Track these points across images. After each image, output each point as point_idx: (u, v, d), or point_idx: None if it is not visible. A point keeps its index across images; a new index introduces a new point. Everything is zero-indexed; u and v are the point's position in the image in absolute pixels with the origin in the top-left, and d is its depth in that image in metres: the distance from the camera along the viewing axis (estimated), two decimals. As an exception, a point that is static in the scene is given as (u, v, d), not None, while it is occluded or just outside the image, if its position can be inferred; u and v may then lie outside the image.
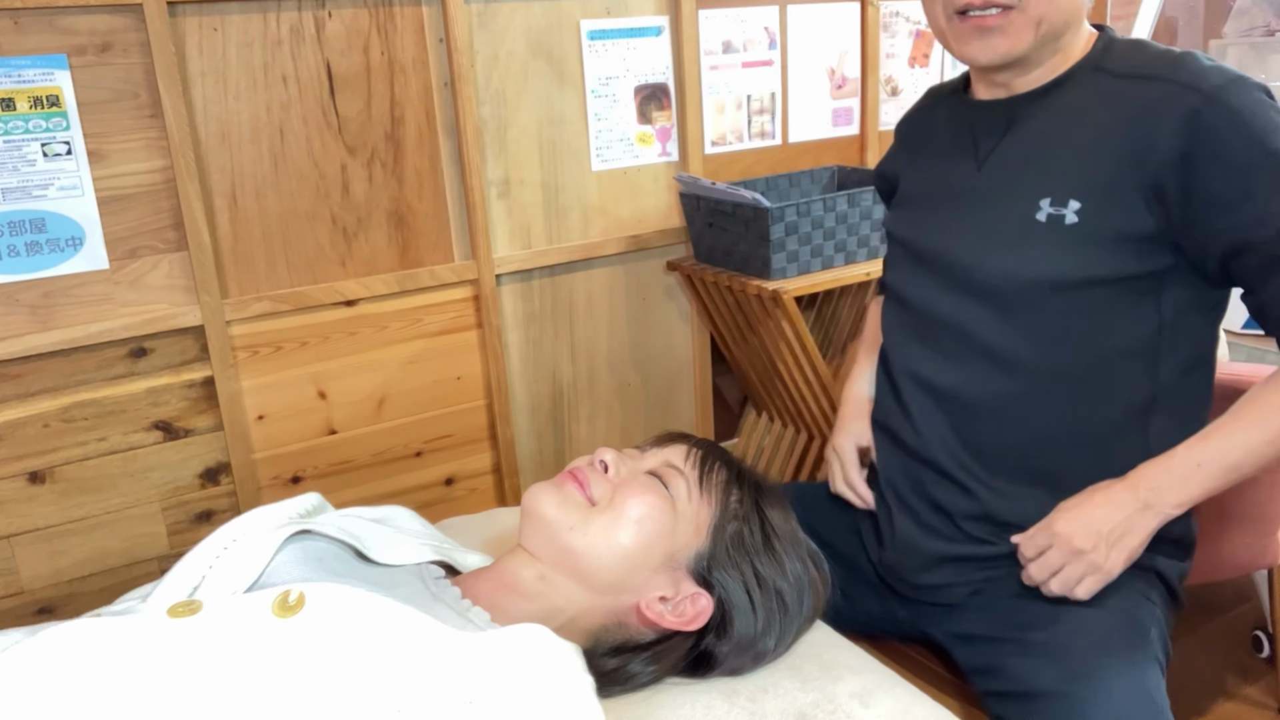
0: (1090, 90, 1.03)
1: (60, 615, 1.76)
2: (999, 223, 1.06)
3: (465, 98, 1.91)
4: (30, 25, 1.57)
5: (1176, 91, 0.96)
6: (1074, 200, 1.00)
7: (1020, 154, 1.06)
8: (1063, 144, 1.03)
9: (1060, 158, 1.02)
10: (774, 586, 0.95)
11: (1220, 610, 2.02)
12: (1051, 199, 1.01)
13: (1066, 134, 1.03)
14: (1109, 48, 1.05)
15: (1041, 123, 1.05)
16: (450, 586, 0.92)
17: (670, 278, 2.26)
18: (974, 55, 1.03)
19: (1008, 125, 1.08)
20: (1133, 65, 1.02)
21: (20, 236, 1.62)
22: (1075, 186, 1.00)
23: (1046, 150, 1.04)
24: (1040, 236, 1.02)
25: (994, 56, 1.01)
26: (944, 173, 1.15)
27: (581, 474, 0.95)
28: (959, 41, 1.04)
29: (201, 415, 1.83)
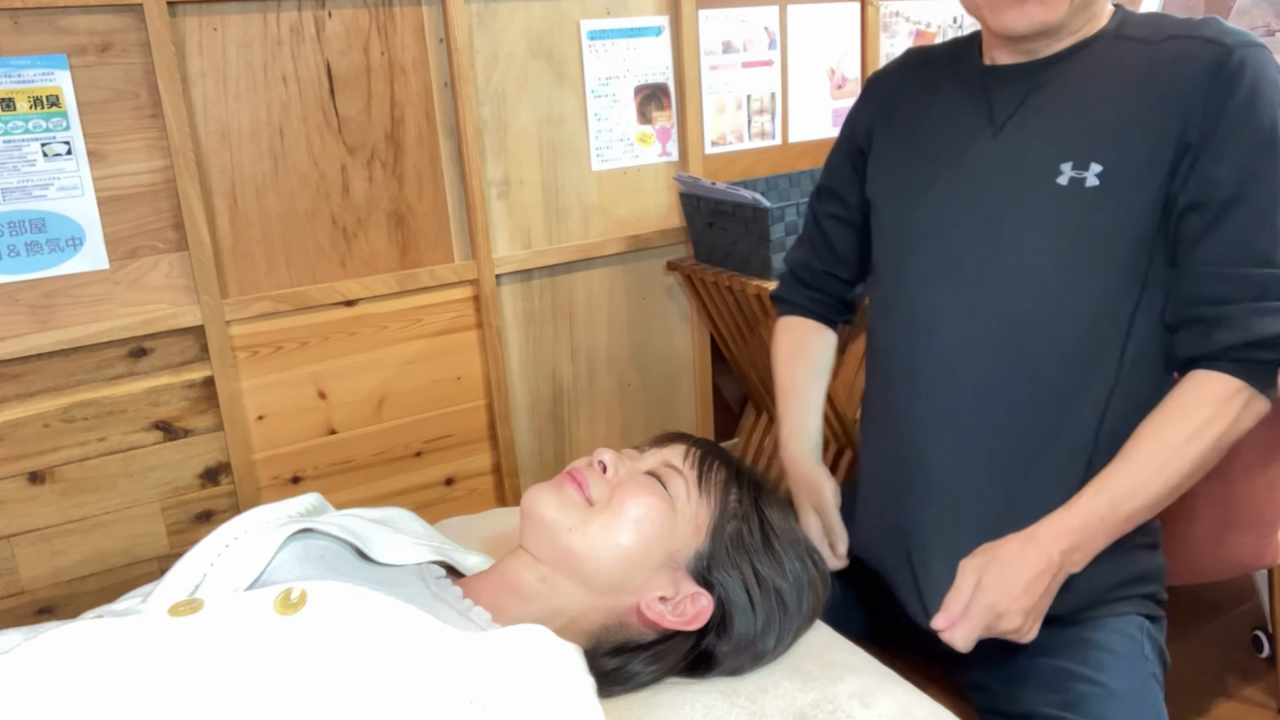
0: (1113, 54, 1.01)
1: (60, 615, 1.76)
2: (1017, 191, 1.03)
3: (465, 98, 1.91)
4: (30, 25, 1.57)
5: (1201, 45, 0.95)
6: (1095, 163, 0.98)
7: (1041, 118, 1.03)
8: (1085, 106, 1.01)
9: (1082, 120, 1.00)
10: (773, 586, 0.95)
11: (1220, 610, 2.02)
12: (1074, 162, 0.99)
13: (1089, 96, 1.01)
14: (1127, 18, 1.05)
15: (1064, 86, 1.03)
16: (451, 586, 0.92)
17: (670, 278, 2.26)
18: (1010, 24, 1.00)
19: (1029, 90, 1.05)
20: (1154, 29, 1.01)
21: (20, 236, 1.62)
22: (1097, 148, 0.99)
23: (1068, 113, 1.02)
24: (1060, 202, 0.99)
25: (1031, 25, 0.99)
26: (949, 143, 1.10)
27: (580, 475, 0.95)
28: (994, 11, 1.01)
29: (201, 415, 1.83)
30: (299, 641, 0.74)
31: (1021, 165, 1.03)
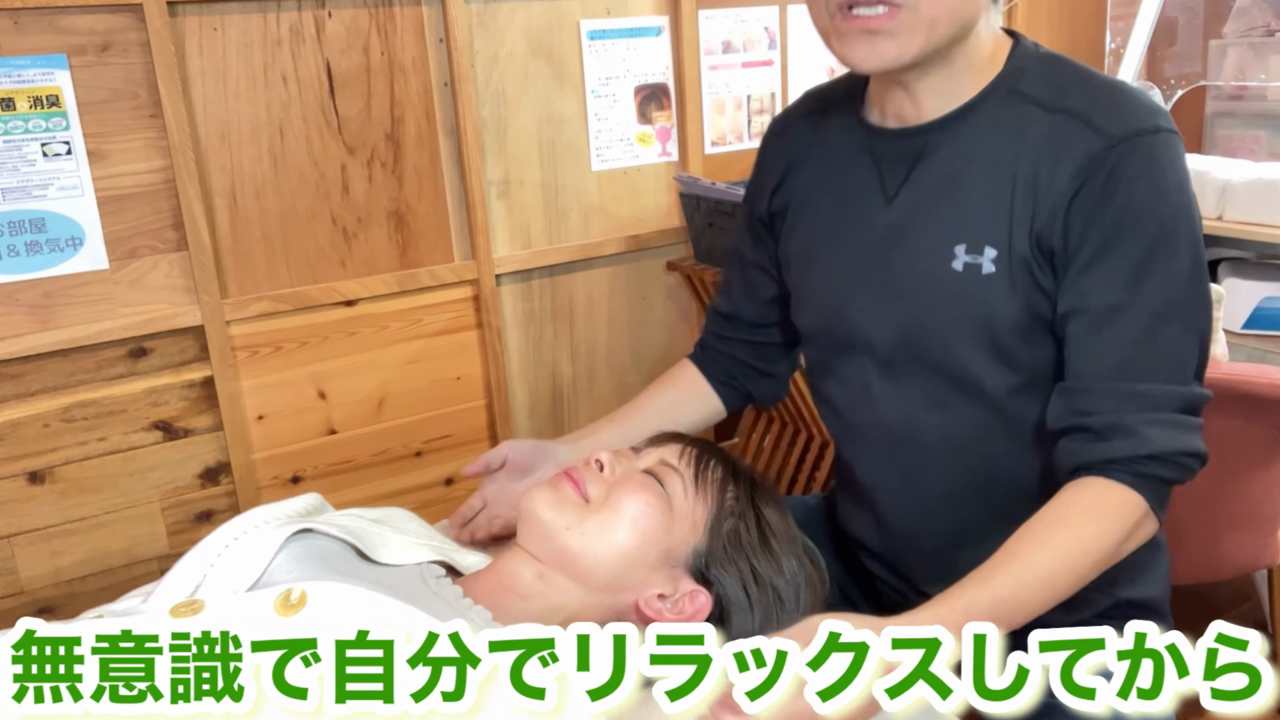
0: (1003, 117, 0.93)
1: (60, 615, 1.76)
2: (914, 274, 0.96)
3: (465, 98, 1.91)
4: (30, 25, 1.57)
5: (1083, 133, 0.88)
6: (989, 248, 0.92)
7: (930, 196, 0.96)
8: (974, 182, 0.93)
9: (972, 198, 0.93)
10: (770, 583, 0.95)
11: (1220, 610, 2.02)
12: (967, 245, 0.93)
13: (977, 170, 0.93)
14: (1025, 65, 0.95)
15: (952, 155, 0.95)
16: (451, 585, 0.92)
17: (670, 278, 2.26)
18: (859, 60, 0.90)
19: (914, 159, 0.97)
20: (1055, 90, 0.92)
21: (20, 236, 1.62)
22: (989, 232, 0.92)
23: (957, 188, 0.94)
24: (959, 286, 0.93)
25: (881, 62, 0.89)
26: (847, 211, 1.03)
27: (577, 473, 0.95)
28: (842, 42, 0.90)
29: (201, 415, 1.83)
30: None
31: (917, 245, 0.96)
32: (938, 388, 0.99)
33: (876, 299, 1.00)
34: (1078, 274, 0.89)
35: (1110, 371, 0.88)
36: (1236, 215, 2.16)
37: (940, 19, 0.88)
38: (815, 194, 1.08)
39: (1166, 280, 0.87)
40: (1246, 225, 2.14)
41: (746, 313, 1.20)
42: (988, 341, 0.94)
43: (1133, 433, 0.87)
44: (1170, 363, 0.88)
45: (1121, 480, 0.87)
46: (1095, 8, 2.72)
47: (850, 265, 1.02)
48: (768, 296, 1.18)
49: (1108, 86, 0.92)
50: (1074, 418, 0.90)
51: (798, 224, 1.10)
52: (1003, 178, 0.92)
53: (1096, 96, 0.90)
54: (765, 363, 1.23)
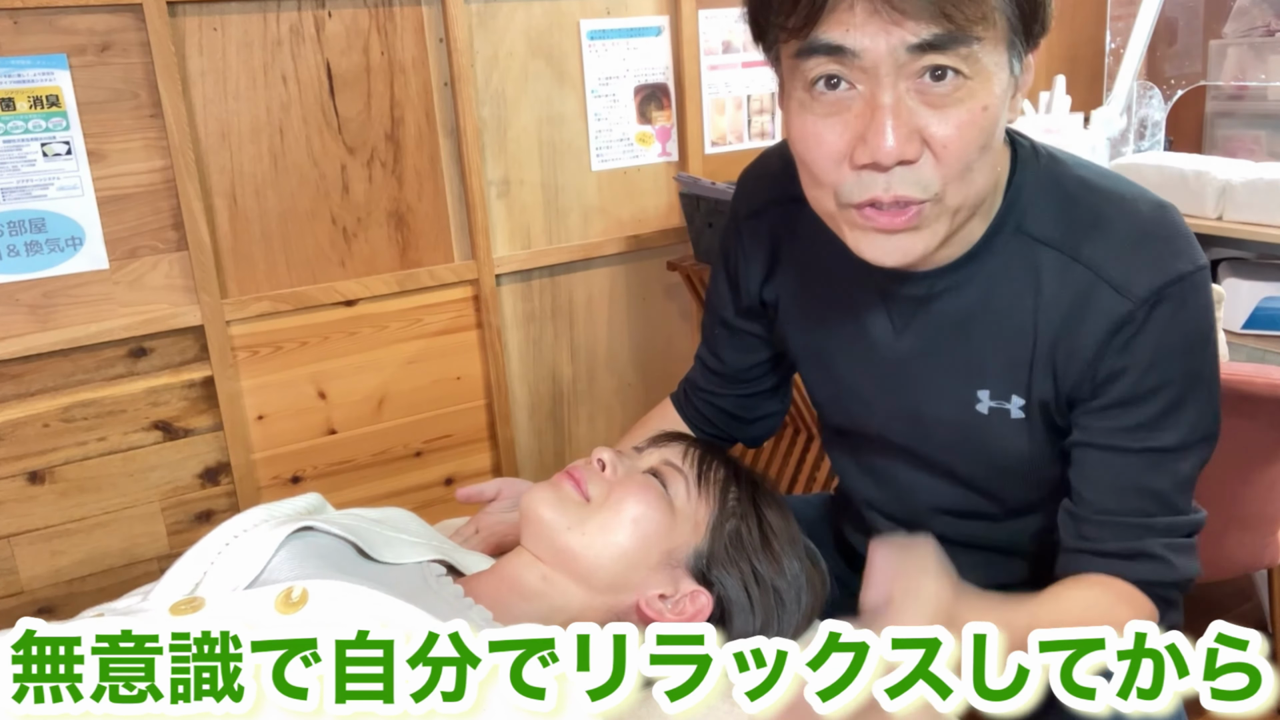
0: (1014, 262, 0.87)
1: (60, 615, 1.76)
2: (939, 410, 0.93)
3: (465, 98, 1.91)
4: (30, 25, 1.57)
5: (1105, 292, 0.83)
6: (1016, 397, 0.89)
7: (946, 336, 0.90)
8: (988, 330, 0.89)
9: (988, 347, 0.89)
10: (771, 584, 0.95)
11: (1220, 610, 2.02)
12: (990, 392, 0.90)
13: (993, 319, 0.88)
14: (1030, 196, 0.87)
15: (961, 301, 0.89)
16: (452, 585, 0.92)
17: (670, 278, 2.26)
18: (875, 258, 0.80)
19: (922, 301, 0.90)
20: (1058, 231, 0.85)
21: (20, 236, 1.62)
22: (1013, 383, 0.89)
23: (970, 336, 0.89)
24: (988, 427, 0.91)
25: (901, 259, 0.80)
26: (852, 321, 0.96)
27: (578, 472, 0.95)
28: (854, 236, 0.80)
29: (201, 415, 1.83)
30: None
31: (938, 384, 0.92)
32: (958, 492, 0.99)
33: (900, 421, 0.98)
34: (1097, 413, 0.87)
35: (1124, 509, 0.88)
36: (1236, 215, 2.16)
37: (966, 205, 0.80)
38: (812, 300, 1.00)
39: (1185, 426, 0.86)
40: (1246, 225, 2.14)
41: (736, 367, 1.15)
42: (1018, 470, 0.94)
43: (1161, 560, 0.87)
44: (1181, 493, 0.88)
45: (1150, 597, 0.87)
46: (1095, 8, 2.73)
47: (868, 386, 0.98)
48: (761, 357, 1.13)
49: (1126, 228, 0.85)
50: (1094, 543, 0.89)
51: (796, 326, 1.04)
52: (1022, 330, 0.87)
53: (1114, 246, 0.84)
54: (754, 409, 1.19)
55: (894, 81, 0.73)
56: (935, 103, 0.74)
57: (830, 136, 0.76)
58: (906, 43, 0.71)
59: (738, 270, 1.07)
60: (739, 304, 1.09)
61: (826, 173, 0.78)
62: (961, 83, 0.73)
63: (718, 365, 1.16)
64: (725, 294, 1.10)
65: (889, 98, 0.73)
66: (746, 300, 1.07)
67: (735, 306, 1.09)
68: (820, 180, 0.79)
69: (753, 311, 1.08)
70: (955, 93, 0.74)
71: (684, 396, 1.23)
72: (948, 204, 0.78)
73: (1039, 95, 2.28)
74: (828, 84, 0.75)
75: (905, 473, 1.02)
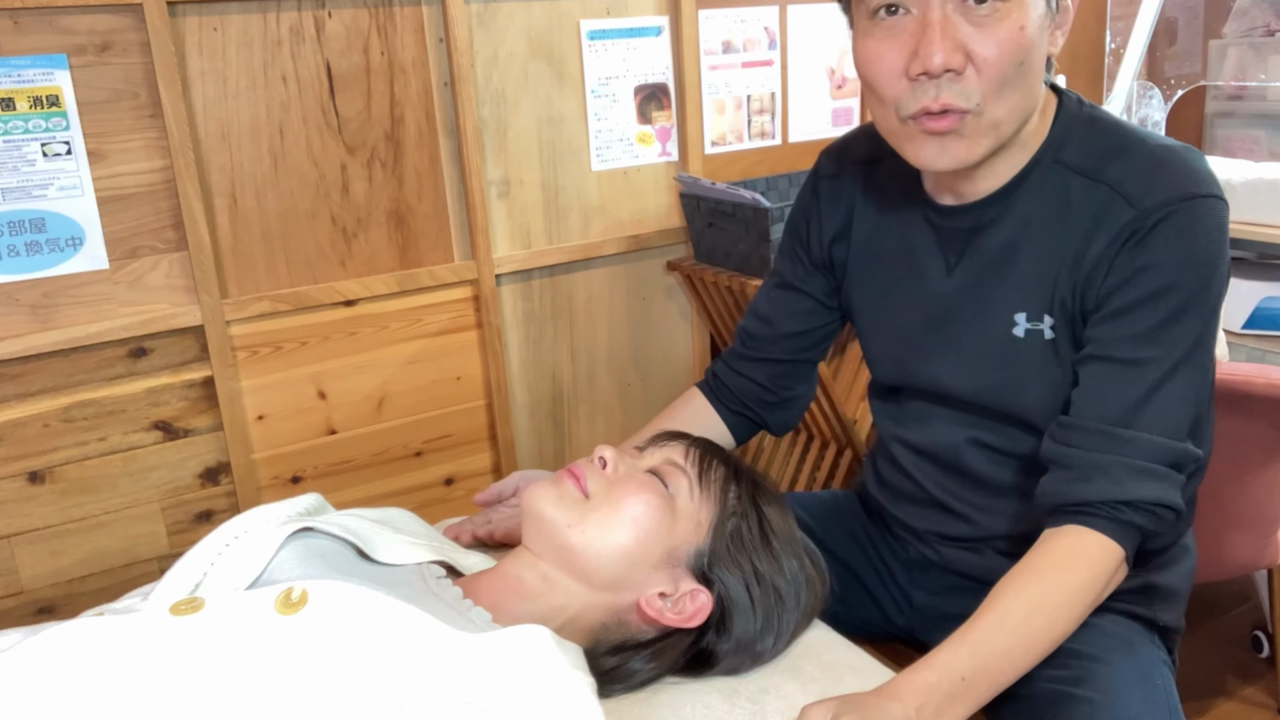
0: (1048, 190, 0.97)
1: (60, 615, 1.76)
2: (981, 339, 1.01)
3: (465, 98, 1.91)
4: (30, 25, 1.57)
5: (1118, 204, 0.92)
6: (1048, 315, 0.97)
7: (987, 268, 1.01)
8: (1026, 254, 0.98)
9: (1026, 270, 0.98)
10: (772, 583, 0.95)
11: (1220, 610, 2.02)
12: (1027, 314, 0.98)
13: (1029, 243, 0.98)
14: (1068, 131, 0.98)
15: (1005, 230, 0.99)
16: (451, 586, 0.92)
17: (670, 278, 2.26)
18: (929, 160, 0.93)
19: (970, 234, 1.01)
20: (1089, 159, 0.96)
21: (20, 236, 1.62)
22: (1046, 301, 0.97)
23: (1013, 261, 0.99)
24: (1023, 353, 0.98)
25: (950, 162, 0.93)
26: (910, 268, 1.07)
27: (579, 469, 0.95)
28: (912, 144, 0.94)
29: (201, 415, 1.83)
30: (299, 641, 0.74)
31: (981, 313, 1.01)
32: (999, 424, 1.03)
33: (947, 360, 1.04)
34: (1099, 323, 0.93)
35: (1106, 416, 0.91)
36: (1236, 215, 2.16)
37: (1005, 120, 0.92)
38: (877, 253, 1.11)
39: (1179, 342, 0.90)
40: (1246, 225, 2.14)
41: (782, 326, 1.21)
42: (1050, 392, 0.98)
43: (1112, 477, 0.89)
44: (1164, 417, 0.90)
45: (1096, 526, 0.89)
46: (1095, 8, 2.73)
47: (916, 328, 1.06)
48: (807, 310, 1.20)
49: (1148, 154, 0.93)
50: (1060, 450, 0.92)
51: (860, 279, 1.14)
52: (1051, 251, 0.96)
53: (1135, 166, 0.93)
54: (784, 386, 1.24)
55: (941, 3, 0.87)
56: (977, 22, 0.87)
57: (889, 54, 0.91)
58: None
59: (809, 228, 1.18)
60: (808, 260, 1.18)
61: (888, 86, 0.92)
62: (1000, 4, 0.87)
63: (764, 329, 1.22)
64: (793, 254, 1.20)
65: (937, 15, 0.87)
66: (817, 257, 1.18)
67: (802, 264, 1.19)
68: (883, 96, 0.93)
69: (821, 268, 1.18)
70: (995, 13, 0.87)
71: (712, 378, 1.27)
72: (987, 117, 0.90)
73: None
74: (888, 11, 0.90)
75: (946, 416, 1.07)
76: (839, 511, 1.28)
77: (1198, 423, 0.94)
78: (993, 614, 0.87)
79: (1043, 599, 0.87)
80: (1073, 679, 0.95)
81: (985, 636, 0.86)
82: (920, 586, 1.18)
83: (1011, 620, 0.86)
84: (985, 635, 0.86)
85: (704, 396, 1.27)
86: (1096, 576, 0.89)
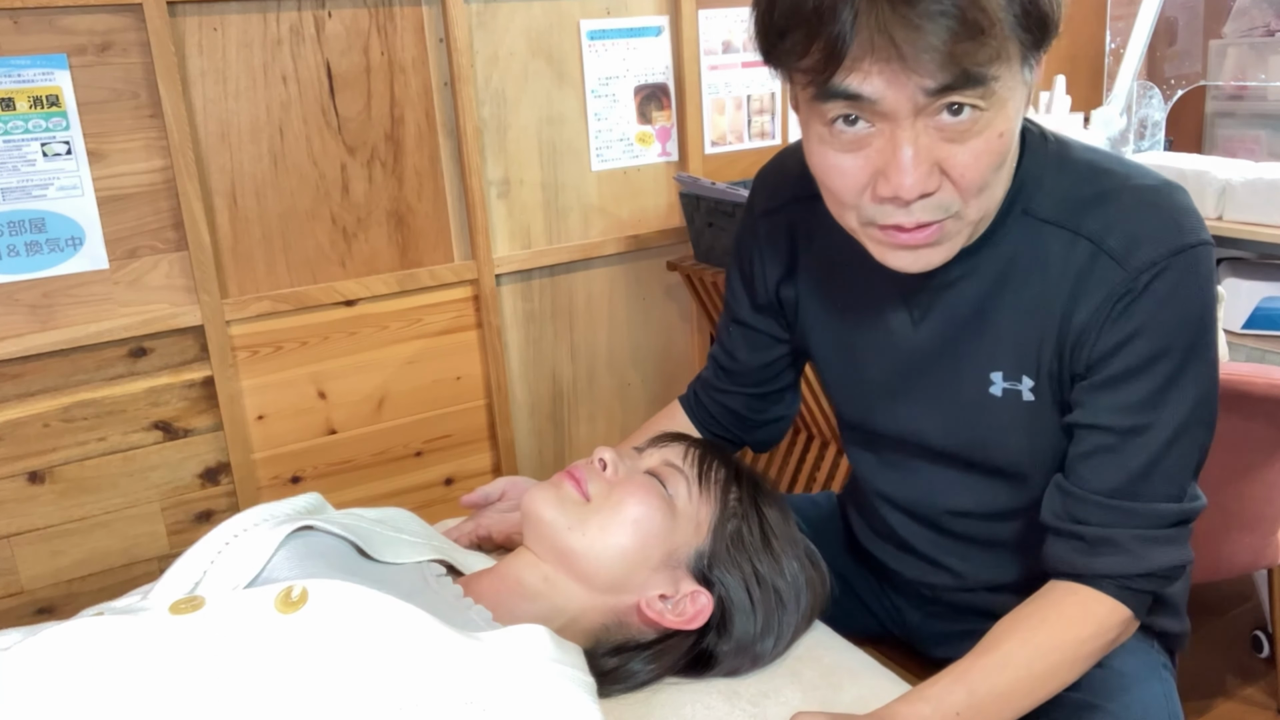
0: (1020, 243, 0.88)
1: (60, 615, 1.76)
2: (956, 396, 0.94)
3: (465, 98, 1.91)
4: (30, 25, 1.57)
5: (1103, 263, 0.84)
6: (1026, 378, 0.90)
7: (959, 321, 0.93)
8: (1001, 312, 0.90)
9: (1003, 328, 0.90)
10: (772, 584, 0.95)
11: (1220, 610, 2.02)
12: (1003, 373, 0.91)
13: (1003, 301, 0.90)
14: (1038, 178, 0.88)
15: (975, 286, 0.91)
16: (452, 585, 0.92)
17: (670, 278, 2.26)
18: (901, 267, 0.84)
19: (938, 288, 0.92)
20: (1063, 209, 0.87)
21: (20, 236, 1.62)
22: (1025, 363, 0.90)
23: (986, 319, 0.91)
24: (1001, 411, 0.93)
25: (925, 267, 0.83)
26: (871, 317, 0.98)
27: (579, 471, 0.95)
28: (879, 248, 0.83)
29: (201, 415, 1.83)
30: (299, 640, 0.74)
31: (955, 370, 0.94)
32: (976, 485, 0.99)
33: (920, 409, 0.99)
34: (1094, 389, 0.87)
35: (1113, 489, 0.87)
36: (1236, 215, 2.16)
37: (987, 213, 0.84)
38: (833, 296, 1.02)
39: (1182, 403, 0.86)
40: (1246, 225, 2.14)
41: (750, 365, 1.15)
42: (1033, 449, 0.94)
43: (1126, 551, 0.86)
44: (1170, 481, 0.87)
45: (1109, 592, 0.87)
46: (1095, 8, 2.73)
47: (889, 379, 0.99)
48: (775, 355, 1.13)
49: (1128, 200, 0.85)
50: (1069, 523, 0.89)
51: (816, 324, 1.05)
52: (1029, 310, 0.89)
53: (1116, 217, 0.85)
54: (761, 411, 1.19)
55: (912, 122, 0.74)
56: (954, 137, 0.75)
57: (852, 169, 0.78)
58: (925, 88, 0.72)
59: (753, 267, 1.08)
60: (754, 301, 1.10)
61: (849, 198, 0.81)
62: (979, 115, 0.75)
63: (731, 363, 1.16)
64: (740, 291, 1.11)
65: (908, 136, 0.74)
66: (763, 297, 1.08)
67: (751, 303, 1.10)
68: (843, 203, 0.82)
69: (769, 308, 1.09)
70: (974, 126, 0.75)
71: (694, 397, 1.22)
72: (967, 218, 0.81)
73: (1039, 95, 2.29)
74: (846, 121, 0.77)
75: (925, 469, 1.02)
76: (833, 515, 1.27)
77: (1200, 465, 0.90)
78: (996, 655, 0.85)
79: (1048, 649, 0.85)
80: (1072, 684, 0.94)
81: (985, 677, 0.84)
82: (914, 608, 1.17)
83: (1014, 664, 0.84)
84: (985, 676, 0.84)
85: (685, 413, 1.23)
86: (1105, 635, 0.87)
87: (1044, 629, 0.86)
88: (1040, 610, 0.88)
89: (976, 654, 0.85)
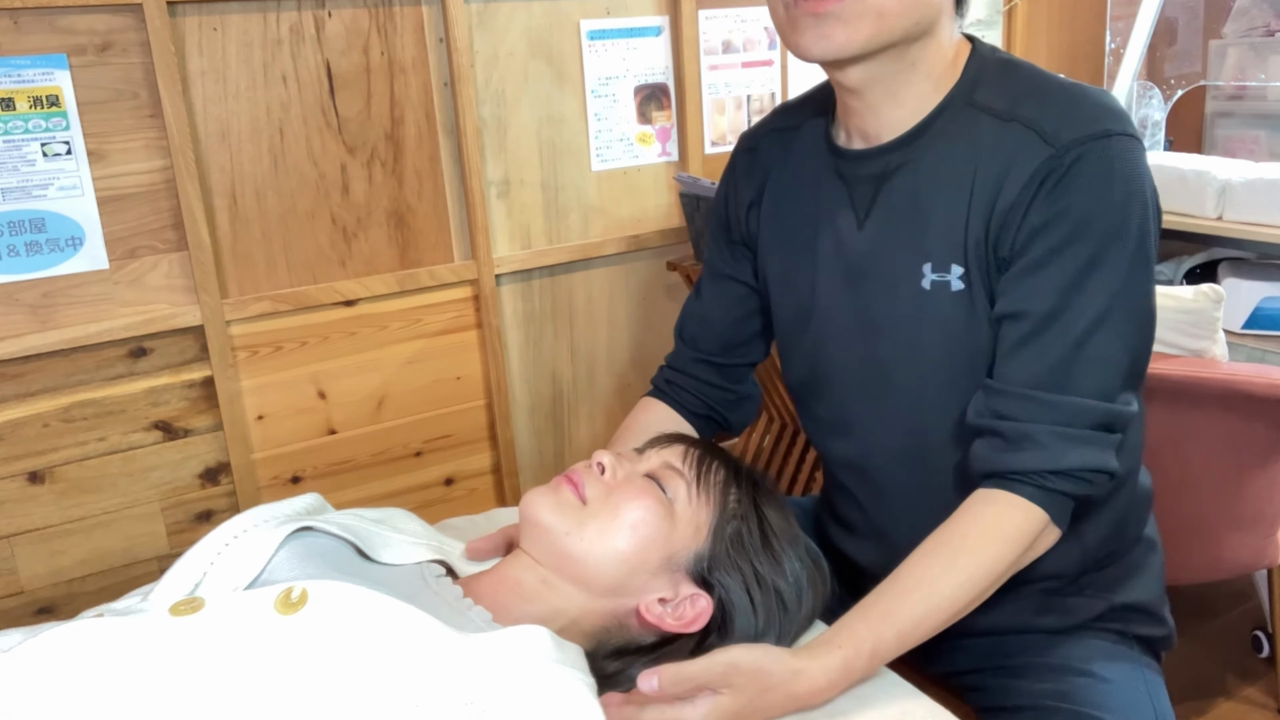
0: (961, 131, 0.92)
1: (60, 615, 1.76)
2: (891, 296, 0.96)
3: (465, 98, 1.91)
4: (30, 25, 1.57)
5: (1033, 142, 0.87)
6: (956, 265, 0.92)
7: (897, 215, 0.95)
8: (935, 200, 0.92)
9: (935, 217, 0.92)
10: (773, 586, 0.94)
11: (1220, 610, 2.02)
12: (933, 264, 0.93)
13: (938, 188, 0.92)
14: (981, 73, 0.94)
15: (912, 177, 0.94)
16: (451, 585, 0.92)
17: (670, 278, 2.26)
18: (808, 46, 0.88)
19: (880, 180, 0.96)
20: (1002, 99, 0.91)
21: (20, 236, 1.62)
22: (953, 251, 0.91)
23: (921, 208, 0.93)
24: (930, 306, 0.93)
25: (829, 48, 0.88)
26: (821, 235, 1.02)
27: (576, 475, 0.95)
28: (794, 30, 0.89)
29: (201, 415, 1.83)
30: (299, 641, 0.74)
31: (891, 268, 0.96)
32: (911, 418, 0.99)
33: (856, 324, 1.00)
34: (1018, 276, 0.89)
35: (1033, 379, 0.87)
36: (1236, 215, 2.16)
37: (889, 10, 0.87)
38: (789, 217, 1.06)
39: (1104, 290, 0.86)
40: (1246, 225, 2.14)
41: (721, 322, 1.18)
42: (962, 359, 0.94)
43: (1042, 446, 0.86)
44: (1096, 375, 0.87)
45: (1024, 494, 0.87)
46: (1095, 8, 2.73)
47: (833, 294, 1.01)
48: (747, 309, 1.16)
49: (1062, 93, 0.90)
50: (990, 419, 0.90)
51: (772, 246, 1.09)
52: (960, 192, 0.91)
53: (1049, 104, 0.89)
54: (736, 383, 1.21)
55: None
56: None
57: None
58: None
59: (727, 204, 1.14)
60: (728, 239, 1.15)
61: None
62: None
63: (700, 329, 1.20)
64: (716, 239, 1.17)
65: None
66: (735, 233, 1.13)
67: (726, 246, 1.15)
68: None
69: (740, 243, 1.13)
70: None
71: (667, 384, 1.24)
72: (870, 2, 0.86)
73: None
74: None
75: (864, 411, 1.03)
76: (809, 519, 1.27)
77: (1134, 374, 0.90)
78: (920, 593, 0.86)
79: (970, 573, 0.86)
80: (1057, 693, 0.94)
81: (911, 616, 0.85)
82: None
83: (937, 599, 0.86)
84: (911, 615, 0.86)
85: (663, 404, 1.23)
86: (1022, 545, 0.88)
87: (964, 555, 0.87)
88: (959, 530, 0.88)
89: (902, 590, 0.86)
